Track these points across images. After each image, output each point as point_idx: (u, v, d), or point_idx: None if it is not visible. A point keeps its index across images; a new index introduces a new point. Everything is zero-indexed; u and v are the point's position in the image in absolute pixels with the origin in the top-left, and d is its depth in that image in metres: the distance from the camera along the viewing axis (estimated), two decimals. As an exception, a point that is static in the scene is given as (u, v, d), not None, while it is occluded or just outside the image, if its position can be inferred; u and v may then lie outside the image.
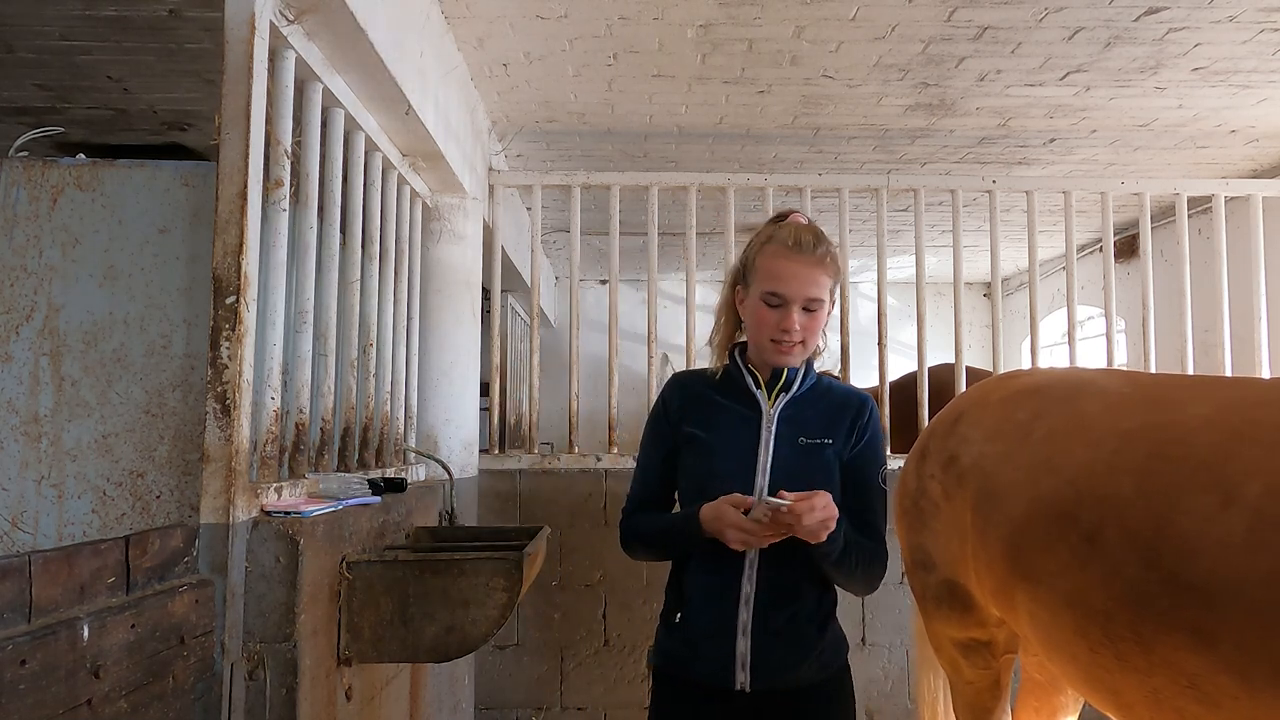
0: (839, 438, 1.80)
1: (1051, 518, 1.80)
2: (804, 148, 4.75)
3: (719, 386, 1.84)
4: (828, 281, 1.75)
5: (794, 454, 1.76)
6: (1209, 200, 4.57)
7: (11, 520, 2.01)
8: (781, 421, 1.78)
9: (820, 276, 1.73)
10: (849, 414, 1.82)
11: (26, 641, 1.22)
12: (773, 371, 1.80)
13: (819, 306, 1.75)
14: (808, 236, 1.76)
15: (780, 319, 1.73)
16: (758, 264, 1.78)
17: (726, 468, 1.75)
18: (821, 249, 1.75)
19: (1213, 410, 1.65)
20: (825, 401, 1.83)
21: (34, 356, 2.05)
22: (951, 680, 2.41)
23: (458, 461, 3.64)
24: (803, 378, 1.82)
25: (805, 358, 1.81)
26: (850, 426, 1.81)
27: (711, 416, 1.81)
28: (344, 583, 2.10)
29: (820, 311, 1.75)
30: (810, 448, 1.77)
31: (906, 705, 3.99)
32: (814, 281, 1.73)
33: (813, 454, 1.77)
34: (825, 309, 1.77)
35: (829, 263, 1.75)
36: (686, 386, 1.88)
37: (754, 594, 1.73)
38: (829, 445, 1.78)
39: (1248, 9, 3.16)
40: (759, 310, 1.75)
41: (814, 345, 1.80)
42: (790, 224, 1.81)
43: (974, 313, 9.08)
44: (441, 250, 3.77)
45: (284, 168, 2.13)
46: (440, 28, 3.20)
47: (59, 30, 3.31)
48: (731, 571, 1.74)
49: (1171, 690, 1.52)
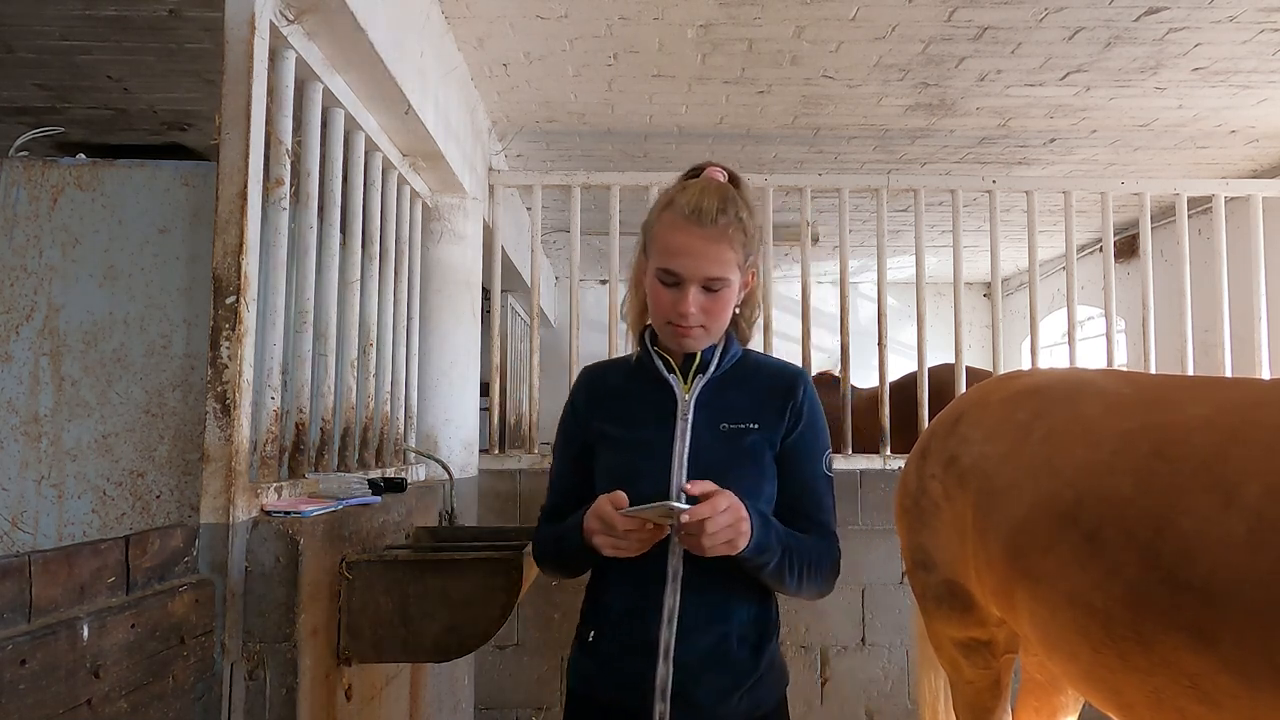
0: (768, 421, 1.55)
1: (1052, 518, 1.79)
2: (804, 148, 4.75)
3: (632, 375, 1.63)
4: (733, 256, 1.49)
5: (715, 442, 1.53)
6: (1209, 200, 4.57)
7: (11, 520, 2.01)
8: (699, 407, 1.55)
9: (723, 252, 1.47)
10: (779, 393, 1.58)
11: (26, 641, 1.23)
12: (686, 355, 1.58)
13: (723, 286, 1.49)
14: (710, 202, 1.48)
15: (676, 300, 1.49)
16: (655, 233, 1.53)
17: (643, 465, 1.53)
18: (726, 218, 1.47)
19: (1212, 411, 1.65)
20: (752, 381, 1.60)
21: (34, 356, 2.05)
22: (952, 680, 2.41)
23: (458, 461, 3.64)
24: (721, 355, 1.59)
25: (712, 341, 1.57)
26: (782, 407, 1.57)
27: (624, 409, 1.59)
28: (344, 583, 2.10)
29: (725, 291, 1.50)
30: (732, 434, 1.54)
31: (906, 705, 3.99)
32: (714, 259, 1.47)
33: (735, 441, 1.54)
34: (733, 287, 1.51)
35: (734, 234, 1.48)
36: (596, 379, 1.66)
37: (678, 611, 1.48)
38: (754, 430, 1.54)
39: (1248, 9, 3.16)
40: (655, 289, 1.51)
41: (721, 328, 1.55)
42: (695, 185, 1.52)
43: (974, 313, 9.09)
44: (441, 250, 3.77)
45: (284, 166, 2.13)
46: (440, 28, 3.21)
47: (59, 30, 3.31)
48: (654, 584, 1.50)
49: (1172, 690, 1.52)
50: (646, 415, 1.57)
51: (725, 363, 1.59)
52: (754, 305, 1.64)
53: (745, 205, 1.52)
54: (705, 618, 1.49)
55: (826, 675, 3.97)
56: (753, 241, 1.53)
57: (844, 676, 3.98)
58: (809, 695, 3.96)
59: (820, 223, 6.54)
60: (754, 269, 1.58)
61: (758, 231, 1.54)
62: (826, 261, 8.16)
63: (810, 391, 1.60)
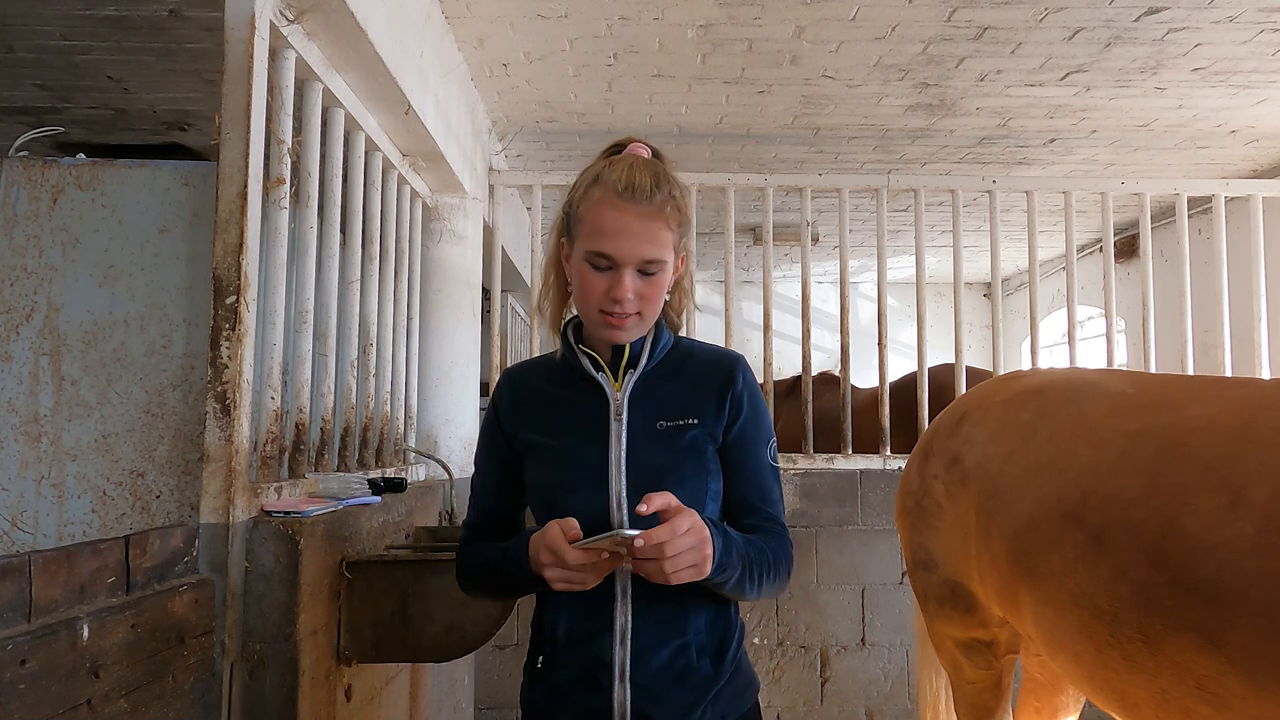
0: (707, 413, 1.43)
1: (1056, 518, 1.79)
2: (804, 148, 4.75)
3: (557, 376, 1.49)
4: (669, 236, 1.37)
5: (653, 444, 1.41)
6: (1209, 200, 4.57)
7: (11, 520, 2.01)
8: (633, 406, 1.42)
9: (659, 231, 1.35)
10: (716, 383, 1.46)
11: (26, 641, 1.22)
12: (614, 347, 1.45)
13: (659, 269, 1.37)
14: (644, 178, 1.35)
15: (610, 285, 1.35)
16: (581, 213, 1.38)
17: (578, 475, 1.40)
18: (661, 194, 1.35)
19: (1218, 411, 1.65)
20: (686, 372, 1.47)
21: (34, 356, 2.05)
22: (953, 680, 2.41)
23: (458, 461, 3.63)
24: (652, 347, 1.46)
25: (643, 332, 1.44)
26: (720, 397, 1.44)
27: (552, 415, 1.45)
28: (344, 583, 2.10)
29: (661, 275, 1.38)
30: (670, 432, 1.41)
31: (906, 705, 3.99)
32: (651, 238, 1.35)
33: (674, 439, 1.41)
34: (668, 271, 1.39)
35: (670, 212, 1.37)
36: (519, 383, 1.51)
37: (630, 628, 1.38)
38: (693, 425, 1.42)
39: (1248, 9, 3.16)
40: (584, 274, 1.37)
41: (654, 315, 1.42)
42: (624, 159, 1.40)
43: (974, 313, 9.09)
44: (441, 250, 3.77)
45: (284, 166, 2.13)
46: (440, 28, 3.20)
47: (59, 30, 3.31)
48: (603, 602, 1.38)
49: (1179, 691, 1.51)
50: (577, 420, 1.43)
51: (657, 354, 1.46)
52: (684, 292, 1.51)
53: (676, 183, 1.40)
54: (660, 633, 1.38)
55: (826, 675, 3.97)
56: (687, 222, 1.43)
57: (844, 676, 3.98)
58: (809, 695, 3.96)
59: (820, 223, 6.55)
60: (685, 252, 1.46)
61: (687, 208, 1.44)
62: (826, 261, 8.16)
63: (750, 378, 1.48)
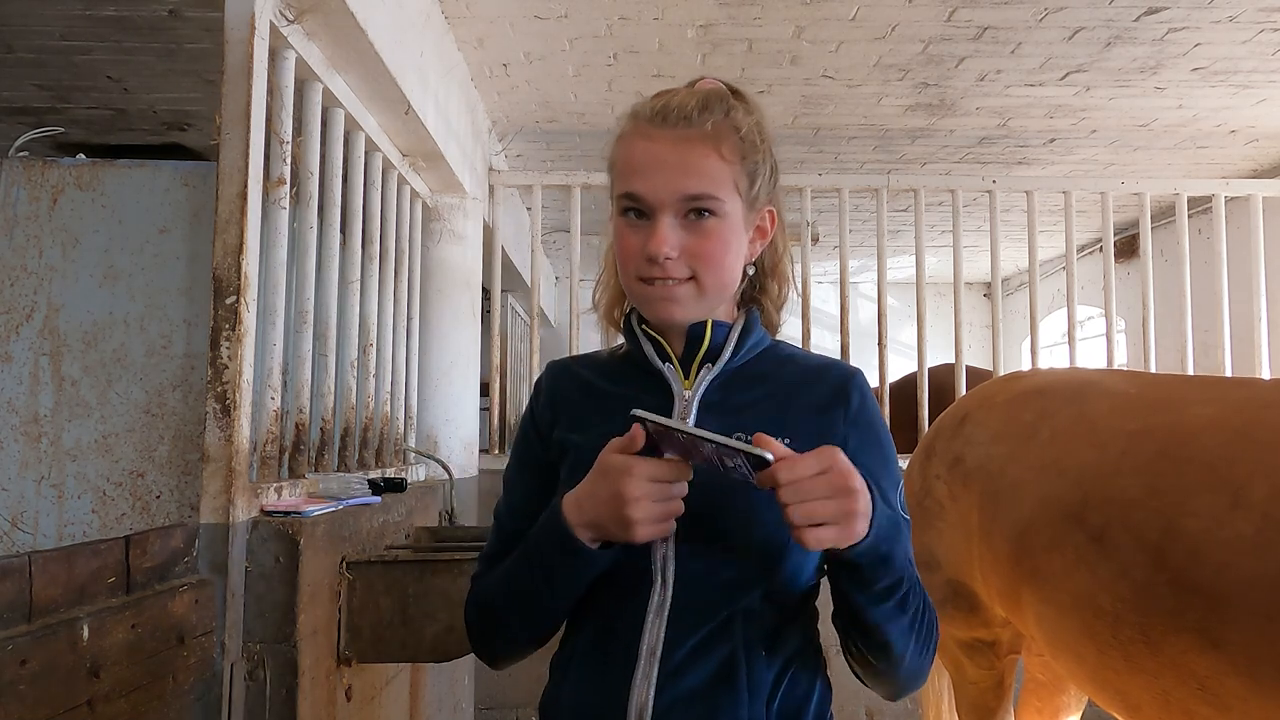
0: (803, 436, 0.99)
1: (1058, 518, 1.79)
2: (804, 148, 4.75)
3: (614, 369, 1.14)
4: (725, 169, 1.01)
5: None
6: (1209, 200, 4.57)
7: (11, 520, 2.01)
8: (704, 410, 1.06)
9: (705, 160, 1.00)
10: (822, 397, 1.07)
11: (26, 641, 1.22)
12: (689, 336, 1.07)
13: (715, 211, 1.01)
14: (688, 100, 1.03)
15: (645, 239, 1.01)
16: (615, 156, 1.08)
17: None
18: (713, 115, 1.02)
19: (1219, 411, 1.65)
20: (782, 380, 1.09)
21: (34, 356, 2.05)
22: (955, 680, 2.41)
23: (458, 461, 3.63)
24: (740, 338, 1.09)
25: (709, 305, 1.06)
26: (826, 418, 1.05)
27: (596, 411, 1.08)
28: (344, 583, 2.10)
29: (720, 223, 1.01)
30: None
31: (907, 705, 3.98)
32: (694, 169, 1.00)
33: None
34: (731, 217, 1.02)
35: (727, 134, 1.02)
36: (560, 374, 1.17)
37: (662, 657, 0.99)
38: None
39: (1248, 9, 3.15)
40: (620, 233, 1.05)
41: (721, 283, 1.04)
42: (672, 90, 1.08)
43: (974, 313, 9.08)
44: (441, 250, 3.77)
45: (285, 163, 2.13)
46: (440, 28, 3.20)
47: (59, 30, 3.31)
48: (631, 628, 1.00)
49: (1181, 692, 1.51)
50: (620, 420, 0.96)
51: (745, 349, 1.09)
52: (781, 276, 1.14)
53: (744, 107, 1.06)
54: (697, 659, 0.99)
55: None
56: (760, 156, 1.05)
57: (844, 676, 3.96)
58: (809, 695, 3.95)
59: (820, 223, 6.54)
60: (772, 208, 1.09)
61: (767, 148, 1.07)
62: (826, 261, 8.16)
63: (870, 401, 1.09)
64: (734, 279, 1.07)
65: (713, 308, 1.07)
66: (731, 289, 1.08)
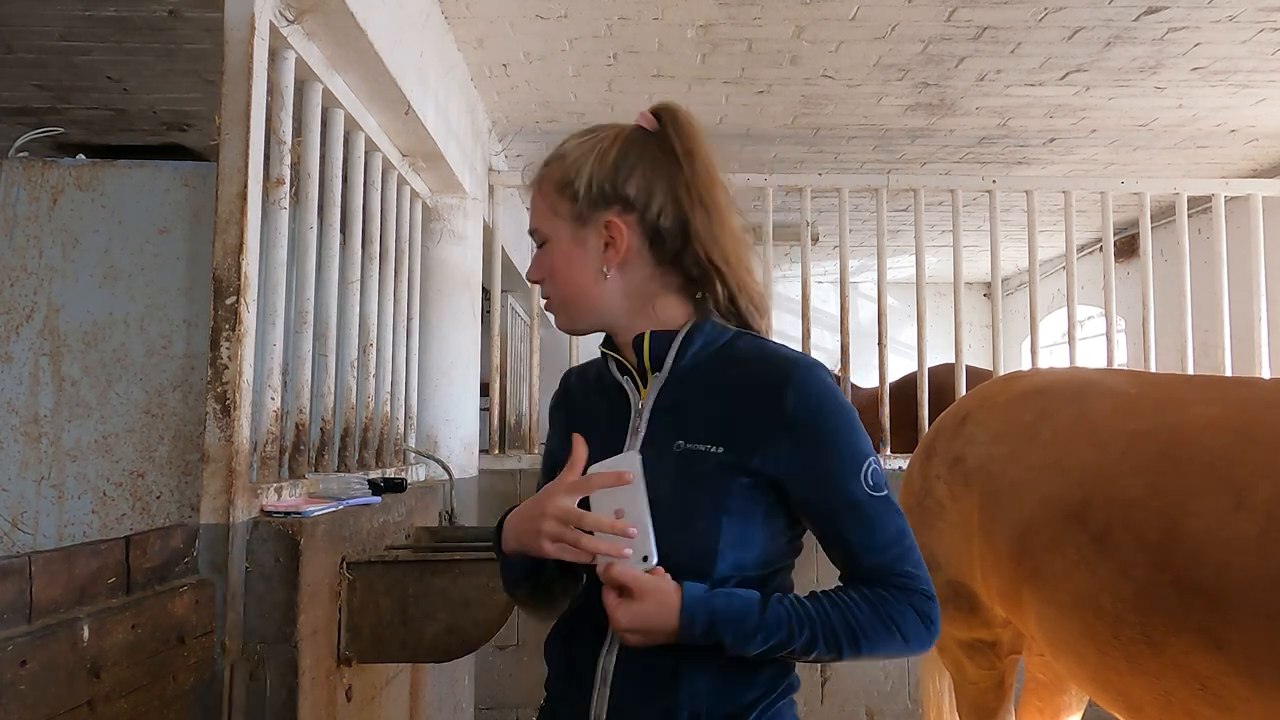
0: (741, 439, 1.09)
1: (1059, 518, 1.79)
2: (804, 148, 4.75)
3: (594, 382, 1.26)
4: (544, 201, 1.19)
5: (664, 467, 1.09)
6: (1209, 200, 4.57)
7: (11, 520, 2.01)
8: (660, 413, 1.14)
9: (536, 201, 1.21)
10: (759, 398, 1.10)
11: (27, 642, 1.22)
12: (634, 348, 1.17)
13: (545, 238, 1.19)
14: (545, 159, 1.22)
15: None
16: None
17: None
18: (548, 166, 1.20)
19: (1221, 411, 1.64)
20: (727, 377, 1.13)
21: (34, 357, 2.05)
22: (955, 680, 2.41)
23: (458, 461, 3.63)
24: (683, 343, 1.15)
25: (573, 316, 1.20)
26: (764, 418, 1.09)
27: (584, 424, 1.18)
28: (344, 583, 2.10)
29: (551, 245, 1.18)
30: (688, 455, 1.10)
31: (907, 705, 3.99)
32: (533, 211, 1.21)
33: (690, 466, 1.10)
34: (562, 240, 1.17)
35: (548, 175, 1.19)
36: (572, 385, 1.31)
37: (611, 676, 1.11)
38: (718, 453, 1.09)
39: (1248, 9, 3.16)
40: None
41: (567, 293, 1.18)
42: None
43: (974, 313, 9.08)
44: (441, 250, 3.77)
45: (284, 161, 2.13)
46: (440, 28, 3.20)
47: (59, 30, 3.31)
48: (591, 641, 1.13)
49: (1183, 692, 1.51)
50: (599, 435, 1.14)
51: (690, 352, 1.15)
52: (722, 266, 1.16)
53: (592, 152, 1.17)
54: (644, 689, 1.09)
55: (826, 675, 3.97)
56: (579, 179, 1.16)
57: (844, 676, 3.98)
58: (809, 695, 3.96)
59: (820, 223, 6.54)
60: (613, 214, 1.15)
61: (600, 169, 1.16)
62: (826, 261, 8.16)
63: (813, 391, 1.10)
64: (583, 288, 1.18)
65: (588, 316, 1.20)
66: (587, 298, 1.18)
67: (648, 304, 1.17)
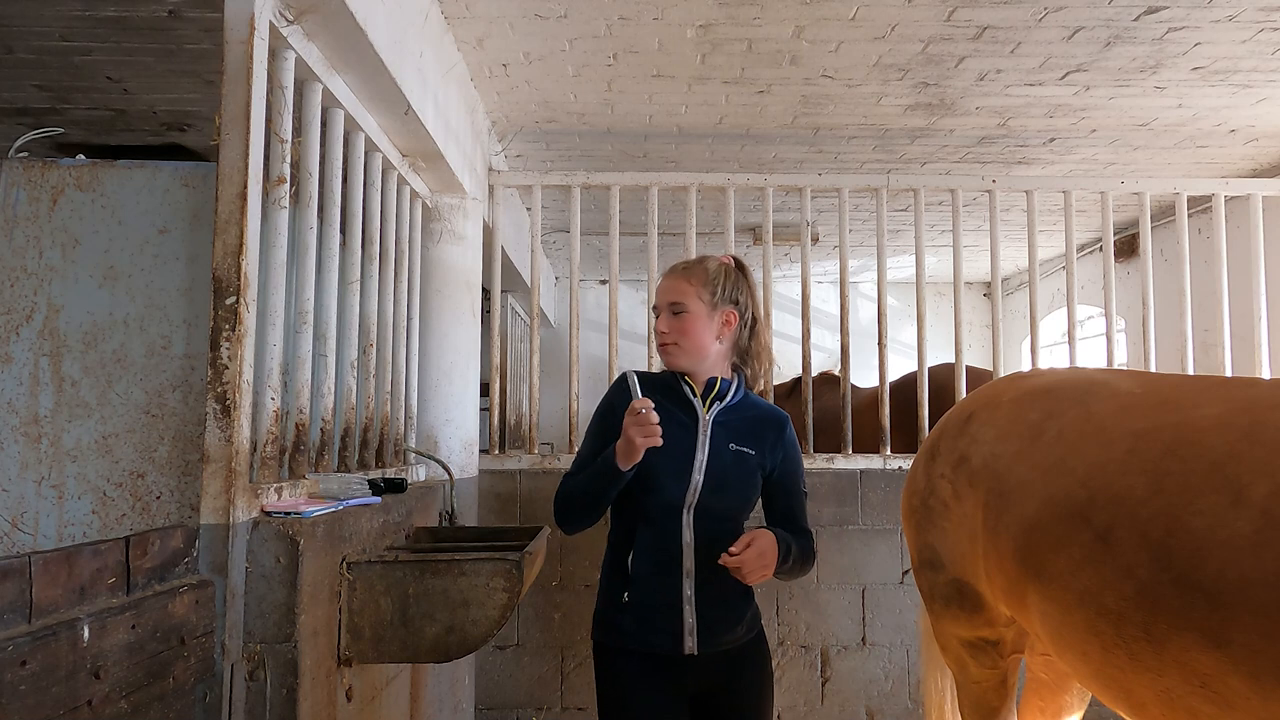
0: (762, 450, 2.04)
1: (1064, 517, 1.79)
2: (804, 148, 4.75)
3: (664, 391, 2.06)
4: (690, 289, 2.02)
5: (726, 457, 2.00)
6: (1209, 200, 4.57)
7: (12, 521, 2.00)
8: (716, 426, 2.02)
9: (680, 285, 2.03)
10: (771, 430, 2.07)
11: (27, 642, 1.22)
12: (706, 383, 2.04)
13: (681, 310, 2.01)
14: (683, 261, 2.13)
15: (657, 323, 2.06)
16: None
17: (667, 465, 1.96)
18: (685, 267, 2.07)
19: (1225, 410, 1.64)
20: (750, 416, 2.06)
21: (34, 357, 2.05)
22: (958, 679, 2.40)
23: (458, 462, 3.63)
24: (734, 391, 2.07)
25: (688, 359, 2.03)
26: (774, 441, 2.06)
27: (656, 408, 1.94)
28: (344, 583, 2.10)
29: (687, 316, 2.00)
30: (739, 454, 2.01)
31: (907, 705, 3.99)
32: (674, 290, 2.03)
33: (741, 459, 2.01)
34: (696, 314, 2.00)
35: (694, 272, 2.04)
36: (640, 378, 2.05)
37: (694, 570, 1.96)
38: (753, 455, 2.02)
39: (1247, 9, 3.16)
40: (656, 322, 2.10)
41: (691, 346, 2.01)
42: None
43: (974, 313, 9.08)
44: (441, 250, 3.77)
45: (285, 163, 2.13)
46: (440, 28, 3.20)
47: (59, 30, 3.31)
48: (675, 551, 1.97)
49: (1184, 690, 1.51)
50: (672, 425, 1.96)
51: (735, 396, 2.06)
52: (756, 358, 2.08)
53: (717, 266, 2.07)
54: (714, 575, 1.95)
55: (827, 675, 3.97)
56: (712, 281, 2.03)
57: (844, 676, 3.98)
58: (810, 695, 3.96)
59: (820, 223, 6.54)
60: (731, 310, 2.04)
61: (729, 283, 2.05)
62: (826, 261, 8.16)
63: (791, 431, 2.12)
64: (704, 345, 2.03)
65: (698, 363, 2.04)
66: (705, 353, 2.04)
67: (720, 362, 2.07)
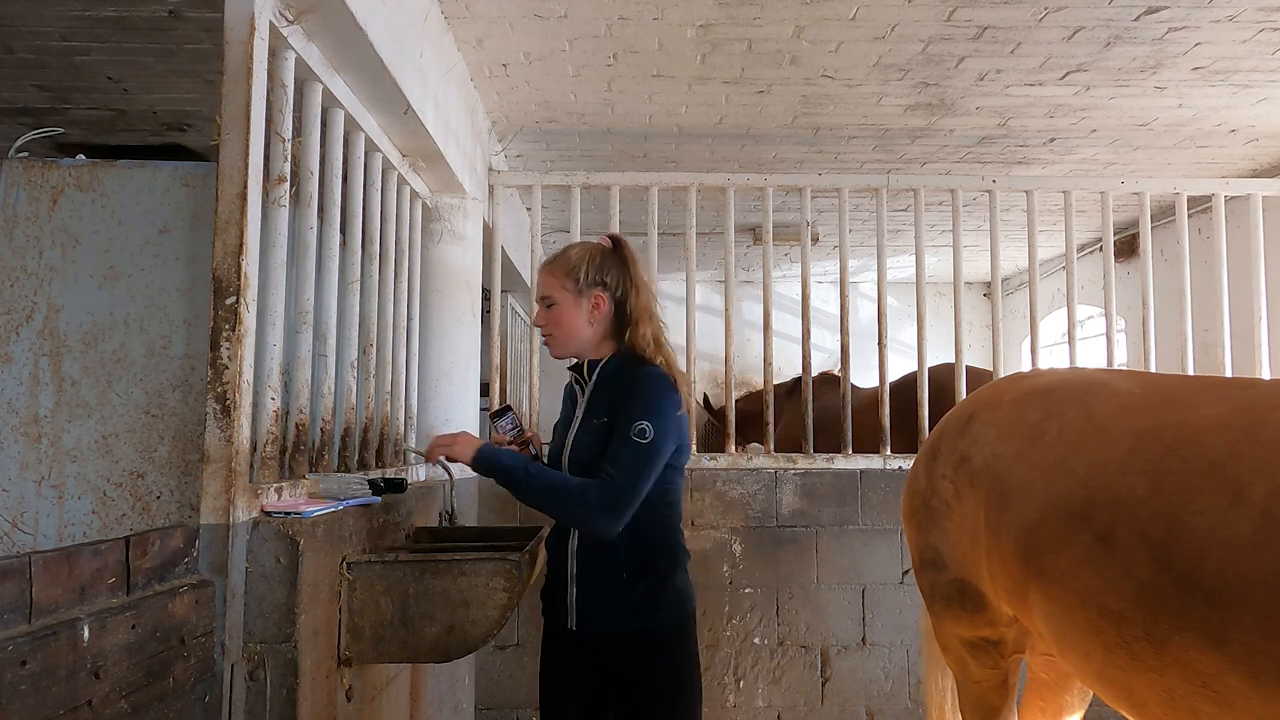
0: (614, 412, 2.08)
1: (1065, 517, 1.79)
2: (804, 148, 4.75)
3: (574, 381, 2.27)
4: (554, 282, 2.12)
5: (588, 432, 2.11)
6: (1209, 200, 4.56)
7: (12, 521, 2.00)
8: (589, 405, 2.15)
9: (545, 278, 2.15)
10: (624, 385, 2.10)
11: (27, 642, 1.22)
12: (588, 366, 2.18)
13: (551, 302, 2.13)
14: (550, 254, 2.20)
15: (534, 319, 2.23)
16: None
17: (558, 451, 2.19)
18: (550, 260, 2.16)
19: (1226, 411, 1.64)
20: (612, 384, 2.13)
21: (34, 357, 2.05)
22: (959, 679, 2.40)
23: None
24: (604, 367, 2.17)
25: (565, 347, 2.16)
26: (619, 394, 2.09)
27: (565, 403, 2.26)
28: (344, 583, 2.10)
29: (556, 307, 2.12)
30: (596, 426, 2.09)
31: (907, 705, 3.99)
32: (542, 284, 2.16)
33: (595, 431, 2.09)
34: (564, 303, 2.11)
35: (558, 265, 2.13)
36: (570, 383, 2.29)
37: (579, 551, 2.07)
38: (604, 423, 2.08)
39: (1248, 9, 3.16)
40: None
41: (564, 337, 2.14)
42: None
43: (974, 313, 9.08)
44: (441, 250, 3.77)
45: (285, 159, 2.13)
46: (440, 28, 3.20)
47: (59, 30, 3.31)
48: (564, 531, 2.12)
49: (1185, 690, 1.51)
50: (569, 408, 2.23)
51: (610, 371, 2.16)
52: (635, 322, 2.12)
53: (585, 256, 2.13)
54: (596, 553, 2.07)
55: (827, 675, 3.97)
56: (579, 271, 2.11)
57: (844, 676, 3.98)
58: (810, 695, 3.96)
59: (820, 223, 6.54)
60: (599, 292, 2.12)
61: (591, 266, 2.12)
62: (826, 261, 8.16)
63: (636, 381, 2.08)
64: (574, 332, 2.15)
65: (577, 349, 2.18)
66: (578, 338, 2.16)
67: (603, 344, 2.17)
